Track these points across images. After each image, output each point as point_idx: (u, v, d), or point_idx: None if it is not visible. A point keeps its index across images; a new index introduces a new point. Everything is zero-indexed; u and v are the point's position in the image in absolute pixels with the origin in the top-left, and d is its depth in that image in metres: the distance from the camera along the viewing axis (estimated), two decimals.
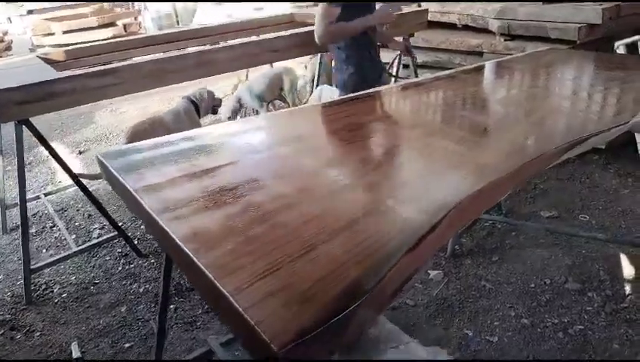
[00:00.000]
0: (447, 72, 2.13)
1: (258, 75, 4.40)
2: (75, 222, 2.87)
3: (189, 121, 3.03)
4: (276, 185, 1.12)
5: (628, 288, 2.03)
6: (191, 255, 0.84)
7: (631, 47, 2.82)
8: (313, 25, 2.86)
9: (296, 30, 2.67)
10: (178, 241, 0.89)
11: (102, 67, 2.21)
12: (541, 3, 3.15)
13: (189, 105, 3.14)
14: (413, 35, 3.20)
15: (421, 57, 4.02)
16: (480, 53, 3.63)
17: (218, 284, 0.76)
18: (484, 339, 1.82)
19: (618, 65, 2.19)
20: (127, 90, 2.29)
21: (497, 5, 3.37)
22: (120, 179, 1.17)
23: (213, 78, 4.82)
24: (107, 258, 2.47)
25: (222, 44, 2.53)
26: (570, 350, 1.75)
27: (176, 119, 2.99)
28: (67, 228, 2.75)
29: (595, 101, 1.69)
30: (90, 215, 2.91)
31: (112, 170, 1.22)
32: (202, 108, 3.16)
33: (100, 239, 2.52)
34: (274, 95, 4.27)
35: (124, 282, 2.27)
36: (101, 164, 1.30)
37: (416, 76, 3.29)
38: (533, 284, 2.09)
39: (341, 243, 0.88)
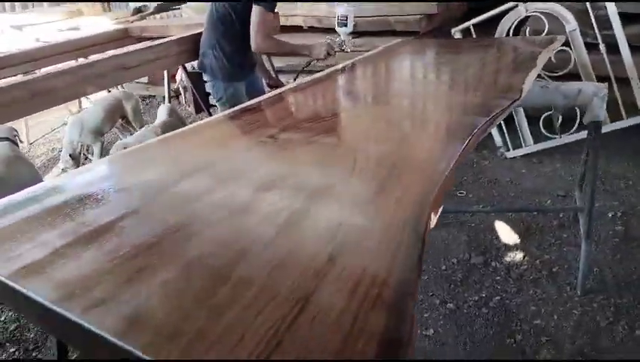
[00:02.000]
0: (302, 81, 1.91)
1: (90, 106, 3.81)
2: None
3: (23, 165, 2.46)
4: (211, 229, 0.89)
5: (520, 251, 2.20)
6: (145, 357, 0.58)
7: (465, 32, 3.10)
8: (152, 38, 2.58)
9: (149, 43, 2.33)
10: (114, 340, 0.61)
11: None
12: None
13: (13, 147, 2.56)
14: None
15: (276, 63, 3.92)
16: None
17: None
18: (422, 334, 1.78)
19: (477, 45, 2.36)
20: None
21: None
22: None
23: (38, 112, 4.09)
24: None
25: (58, 67, 2.06)
26: (497, 323, 1.81)
27: (7, 168, 2.39)
28: None
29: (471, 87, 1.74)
30: None
31: None
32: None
33: None
34: (113, 125, 3.73)
35: None
36: None
37: None
38: (444, 266, 2.13)
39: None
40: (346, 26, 2.41)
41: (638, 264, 2.02)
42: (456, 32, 3.10)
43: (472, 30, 3.06)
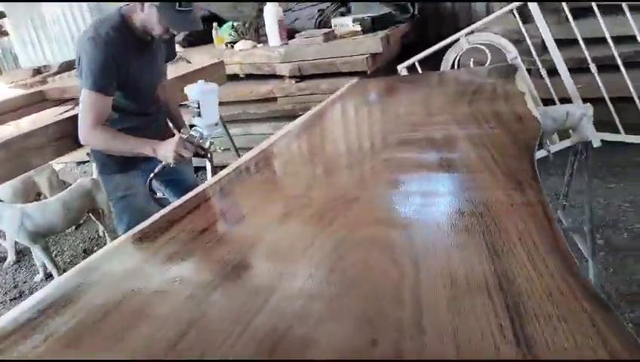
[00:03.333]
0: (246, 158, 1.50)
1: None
2: None
3: None
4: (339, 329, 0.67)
5: None
6: None
7: (410, 68, 3.14)
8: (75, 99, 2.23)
9: None
10: None
11: None
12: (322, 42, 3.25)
13: None
14: None
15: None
16: (273, 99, 3.54)
17: None
18: None
19: (429, 82, 2.35)
20: None
21: (281, 49, 3.34)
22: None
23: None
24: None
25: None
26: None
27: None
28: None
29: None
30: None
31: None
32: None
33: None
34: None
35: None
36: None
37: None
38: None
39: None
40: (200, 115, 1.57)
41: (631, 274, 2.06)
42: (402, 70, 3.13)
43: (418, 66, 3.10)
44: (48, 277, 2.64)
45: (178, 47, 4.23)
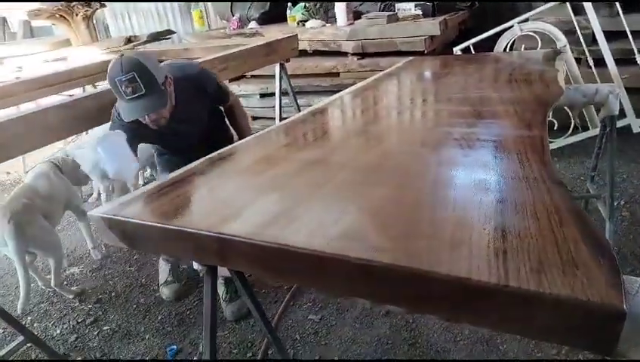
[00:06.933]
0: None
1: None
2: None
3: (61, 183, 2.52)
4: None
5: None
6: None
7: (465, 51, 3.42)
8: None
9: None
10: None
11: None
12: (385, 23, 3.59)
13: (54, 168, 2.60)
14: (288, 61, 3.27)
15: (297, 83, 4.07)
16: (336, 74, 3.91)
17: None
18: None
19: (478, 61, 2.64)
20: None
21: (347, 29, 3.71)
22: None
23: None
24: None
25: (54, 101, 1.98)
26: None
27: (49, 183, 2.45)
28: None
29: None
30: None
31: None
32: (66, 173, 2.62)
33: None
34: None
35: None
36: None
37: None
38: None
39: None
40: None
41: None
42: (457, 51, 3.41)
43: (472, 49, 3.38)
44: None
45: (254, 24, 4.69)
